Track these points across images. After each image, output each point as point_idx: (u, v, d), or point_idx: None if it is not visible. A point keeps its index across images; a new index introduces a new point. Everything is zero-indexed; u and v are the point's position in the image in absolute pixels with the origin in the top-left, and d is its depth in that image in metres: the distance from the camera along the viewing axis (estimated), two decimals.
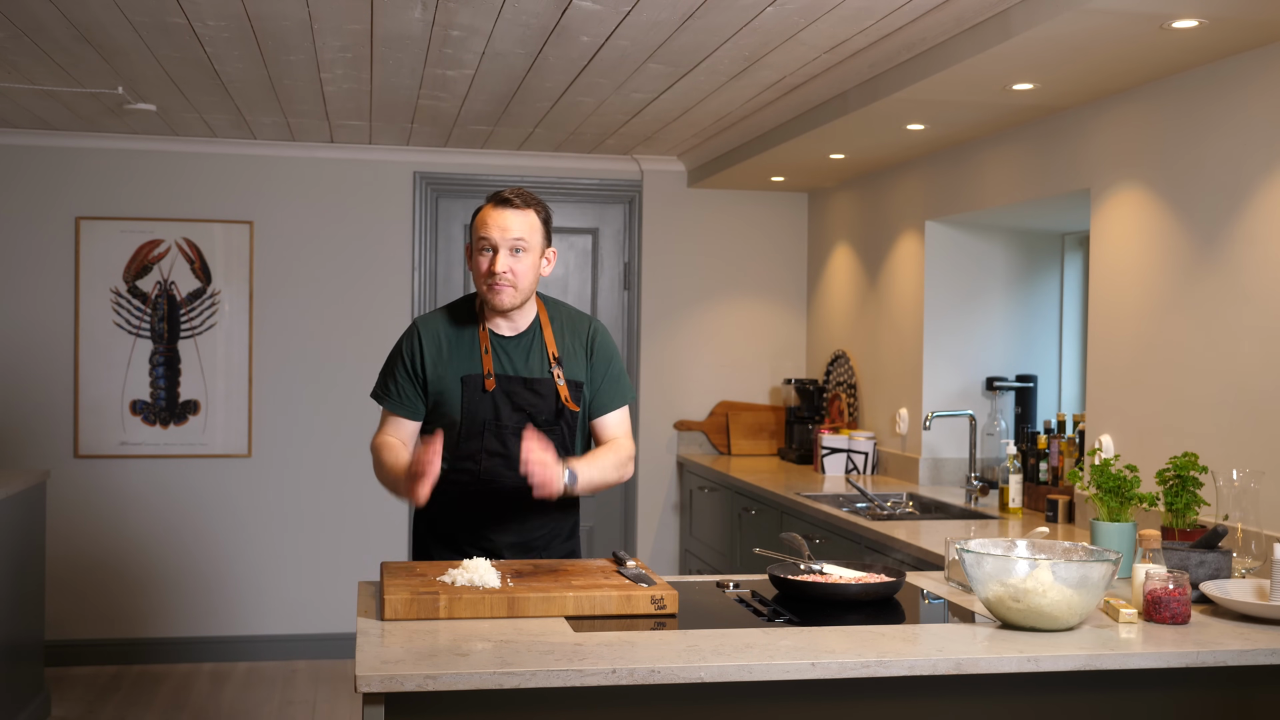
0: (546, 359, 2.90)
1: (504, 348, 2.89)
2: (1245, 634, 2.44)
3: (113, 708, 5.03)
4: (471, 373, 2.86)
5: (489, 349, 2.87)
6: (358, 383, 5.74)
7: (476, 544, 2.92)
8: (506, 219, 2.81)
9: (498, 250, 2.80)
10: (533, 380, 2.87)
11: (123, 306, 5.62)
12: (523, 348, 2.90)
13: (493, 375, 2.85)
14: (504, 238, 2.80)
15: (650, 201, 6.07)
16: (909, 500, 4.69)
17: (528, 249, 2.83)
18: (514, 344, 2.90)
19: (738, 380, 6.21)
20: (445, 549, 2.96)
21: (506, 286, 2.81)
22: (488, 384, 2.85)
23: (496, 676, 2.07)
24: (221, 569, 5.75)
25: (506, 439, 2.85)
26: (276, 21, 3.57)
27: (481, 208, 2.87)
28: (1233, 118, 3.23)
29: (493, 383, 2.85)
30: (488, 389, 2.85)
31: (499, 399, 2.85)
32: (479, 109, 4.80)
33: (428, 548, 2.99)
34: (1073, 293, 4.95)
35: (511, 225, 2.81)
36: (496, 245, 2.80)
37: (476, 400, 2.84)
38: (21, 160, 5.55)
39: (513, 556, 2.92)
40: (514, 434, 2.84)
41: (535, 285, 2.88)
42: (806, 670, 2.17)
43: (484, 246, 2.81)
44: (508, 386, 2.86)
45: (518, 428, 2.83)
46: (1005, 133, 4.34)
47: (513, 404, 2.85)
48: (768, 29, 3.50)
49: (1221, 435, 3.25)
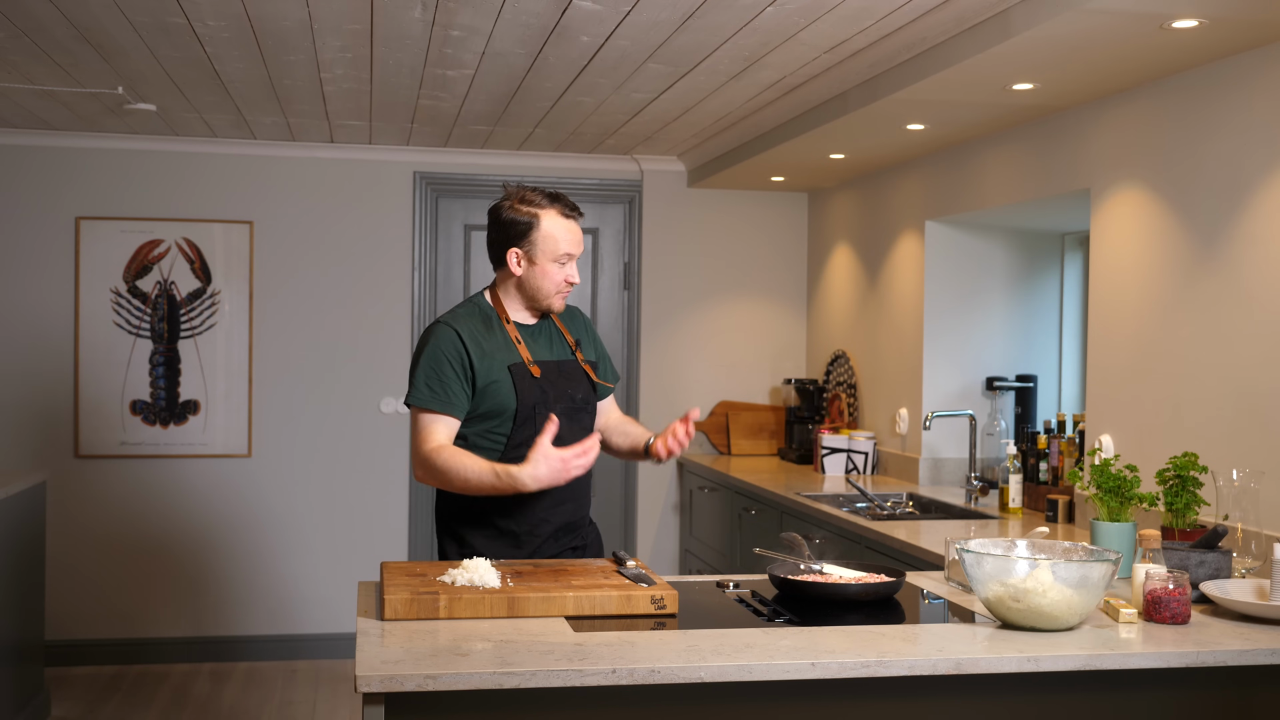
0: (566, 344, 3.03)
1: (530, 337, 2.99)
2: (1245, 634, 2.44)
3: (113, 708, 5.03)
4: (514, 361, 2.93)
5: (520, 339, 2.96)
6: (358, 383, 5.74)
7: (537, 530, 2.93)
8: (579, 233, 2.96)
9: (573, 260, 2.95)
10: (564, 363, 3.00)
11: (123, 306, 5.62)
12: (545, 336, 3.02)
13: (535, 362, 2.94)
14: (579, 250, 2.95)
15: (650, 201, 6.07)
16: (909, 500, 4.69)
17: None
18: (537, 332, 3.02)
19: (738, 380, 6.21)
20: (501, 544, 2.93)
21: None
22: (534, 370, 2.93)
23: (496, 676, 2.07)
24: (221, 569, 5.75)
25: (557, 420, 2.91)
26: (276, 21, 3.57)
27: (543, 212, 2.91)
28: (1233, 118, 3.23)
29: (538, 369, 2.94)
30: (535, 375, 2.93)
31: (544, 384, 2.94)
32: (479, 109, 4.81)
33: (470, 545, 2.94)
34: (1073, 293, 4.94)
35: (581, 237, 2.96)
36: (575, 256, 2.95)
37: (527, 386, 2.91)
38: (21, 160, 5.55)
39: (563, 537, 2.98)
40: (562, 415, 2.91)
41: None
42: (806, 670, 2.17)
43: (563, 260, 2.93)
44: (548, 370, 2.96)
45: (564, 410, 2.93)
46: (1005, 133, 4.34)
47: (556, 387, 2.95)
48: (768, 29, 3.50)
49: (1221, 435, 3.25)
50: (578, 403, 2.97)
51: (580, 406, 2.98)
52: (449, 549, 2.99)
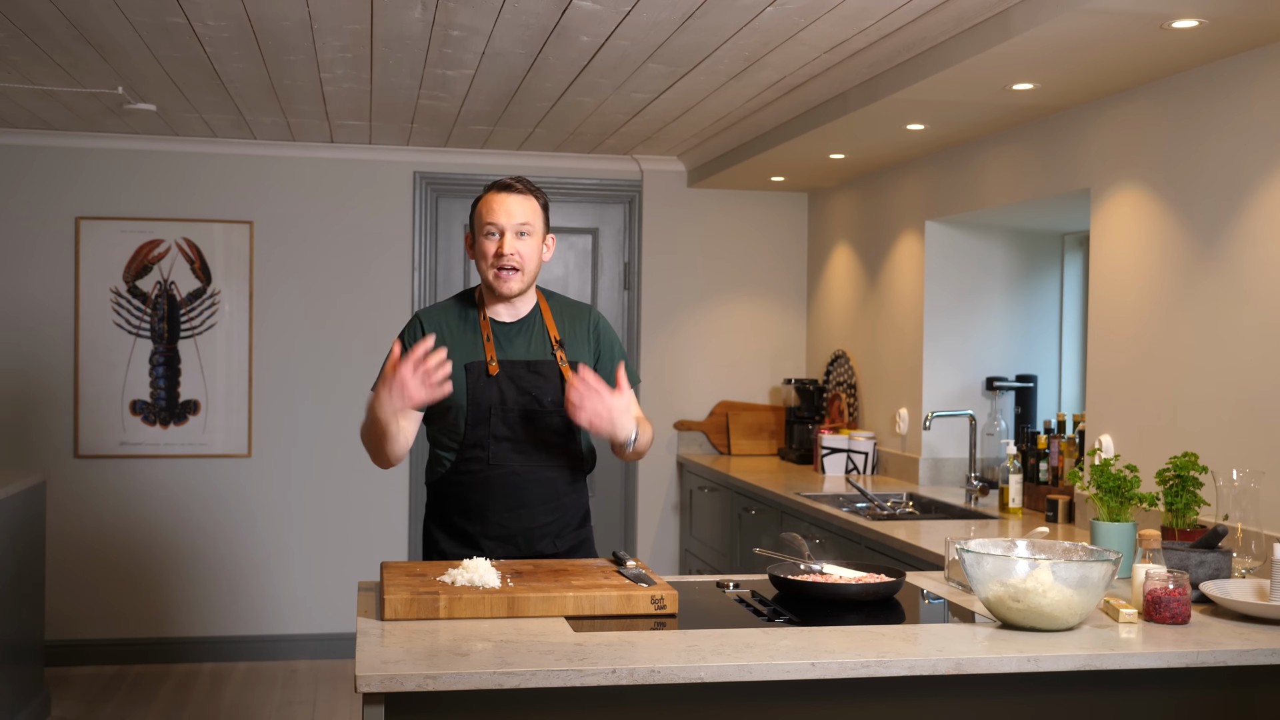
0: (549, 342, 2.94)
1: (505, 334, 2.92)
2: (1245, 634, 2.44)
3: (113, 708, 5.03)
4: (475, 360, 2.88)
5: (490, 336, 2.90)
6: (358, 383, 5.74)
7: (489, 534, 2.90)
8: (511, 203, 2.85)
9: (504, 234, 2.84)
10: (535, 363, 2.90)
11: (123, 306, 5.62)
12: (524, 333, 2.93)
13: (495, 360, 2.87)
14: (510, 221, 2.84)
15: (650, 201, 6.07)
16: (909, 500, 4.69)
17: (531, 233, 2.87)
18: (515, 329, 2.93)
19: (738, 380, 6.21)
20: (458, 545, 2.93)
21: (514, 270, 2.84)
22: (491, 369, 2.87)
23: (496, 676, 2.07)
24: (221, 569, 5.75)
25: (513, 423, 2.87)
26: (276, 21, 3.57)
27: (482, 196, 2.90)
28: (1233, 118, 3.23)
29: (496, 367, 2.87)
30: (491, 373, 2.86)
31: (503, 383, 2.87)
32: (479, 109, 4.80)
33: (438, 544, 2.96)
34: (1073, 293, 4.95)
35: (515, 210, 2.85)
36: (503, 229, 2.84)
37: (481, 386, 2.86)
38: (21, 160, 5.55)
39: (526, 544, 2.91)
40: (520, 418, 2.86)
41: (538, 271, 2.92)
42: (806, 670, 2.17)
43: (490, 231, 2.84)
44: (511, 371, 2.88)
45: (524, 411, 2.87)
46: (1005, 133, 4.34)
47: (518, 388, 2.87)
48: (768, 29, 3.50)
49: (1221, 435, 3.25)
50: (545, 405, 2.87)
51: (549, 409, 2.88)
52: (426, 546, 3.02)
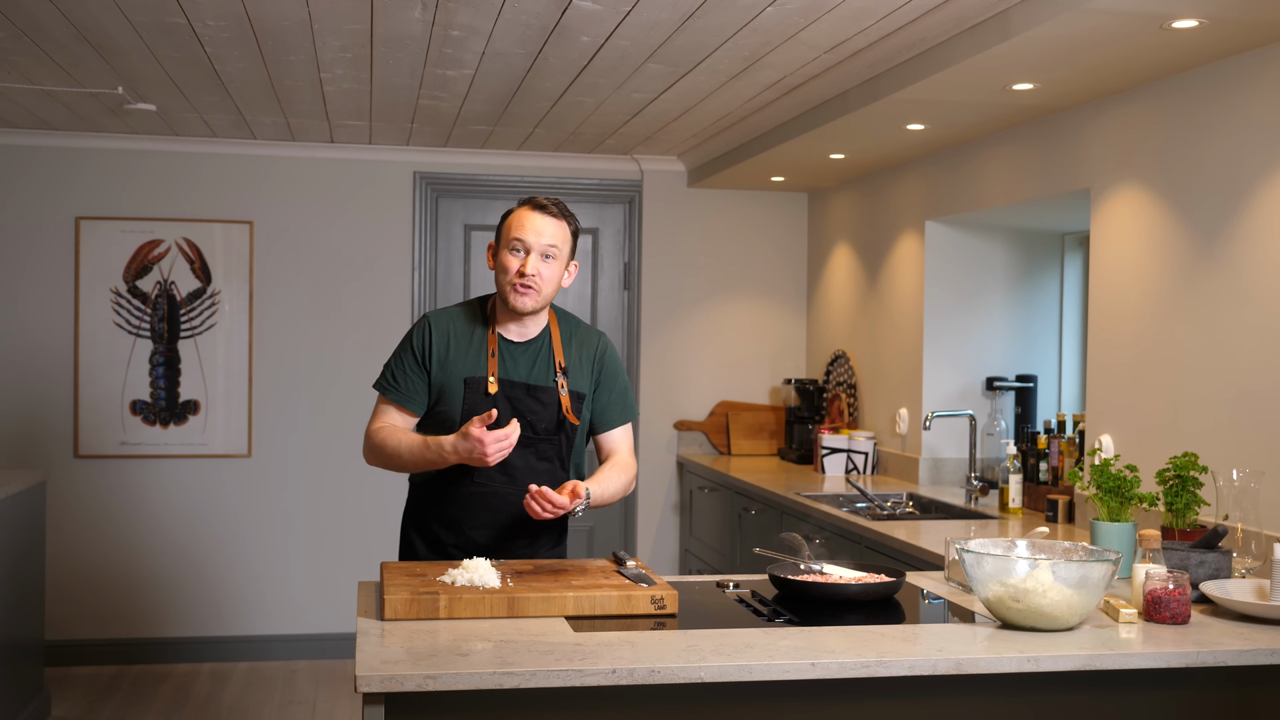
0: (553, 368, 2.89)
1: (510, 353, 2.88)
2: (1245, 634, 2.44)
3: (113, 708, 5.03)
4: (475, 375, 2.85)
5: (495, 353, 2.86)
6: (358, 383, 5.74)
7: (459, 544, 2.91)
8: (542, 224, 2.82)
9: (530, 252, 2.81)
10: (536, 388, 2.86)
11: (123, 306, 5.62)
12: (530, 355, 2.89)
13: (496, 379, 2.84)
14: (538, 241, 2.81)
15: (650, 201, 6.07)
16: (909, 500, 4.69)
17: (557, 257, 2.84)
18: (521, 350, 2.89)
19: (738, 380, 6.21)
20: (430, 549, 2.95)
21: (531, 290, 2.81)
22: (490, 387, 2.83)
23: (496, 676, 2.07)
24: (221, 569, 5.75)
25: None
26: (276, 21, 3.57)
27: (514, 209, 2.87)
28: (1233, 118, 3.23)
29: (495, 386, 2.84)
30: (490, 392, 2.83)
31: (500, 404, 2.83)
32: (479, 109, 4.80)
33: (412, 544, 2.98)
34: (1073, 293, 4.95)
35: (546, 230, 2.82)
36: (530, 247, 2.81)
37: (477, 403, 2.83)
38: (21, 160, 5.55)
39: (495, 558, 2.89)
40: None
41: (555, 295, 2.88)
42: (806, 670, 2.17)
43: (516, 247, 2.82)
44: (510, 391, 2.85)
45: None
46: (1005, 133, 4.34)
47: (514, 410, 2.83)
48: (768, 29, 3.50)
49: (1221, 435, 3.25)
50: (538, 431, 2.85)
51: (541, 436, 2.85)
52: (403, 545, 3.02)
